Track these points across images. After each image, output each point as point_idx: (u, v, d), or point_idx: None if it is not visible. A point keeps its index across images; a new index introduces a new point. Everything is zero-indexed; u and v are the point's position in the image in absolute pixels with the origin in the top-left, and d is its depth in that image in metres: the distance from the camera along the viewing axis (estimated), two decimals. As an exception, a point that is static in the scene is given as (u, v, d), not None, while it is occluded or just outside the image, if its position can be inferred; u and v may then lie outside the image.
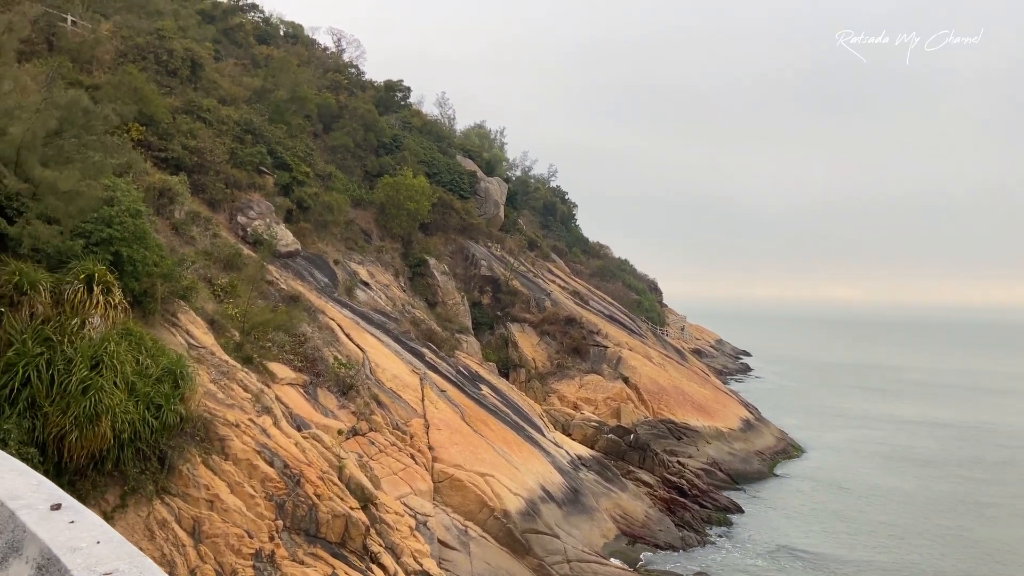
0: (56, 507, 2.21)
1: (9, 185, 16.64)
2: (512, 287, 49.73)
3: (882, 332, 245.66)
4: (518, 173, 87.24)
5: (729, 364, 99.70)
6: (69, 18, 34.98)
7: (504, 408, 32.99)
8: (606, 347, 48.57)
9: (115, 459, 14.45)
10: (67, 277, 16.15)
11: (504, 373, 44.00)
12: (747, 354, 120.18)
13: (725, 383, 68.38)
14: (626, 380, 46.35)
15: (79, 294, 15.78)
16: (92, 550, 2.07)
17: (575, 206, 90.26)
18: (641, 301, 76.08)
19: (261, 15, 59.88)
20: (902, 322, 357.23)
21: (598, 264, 79.63)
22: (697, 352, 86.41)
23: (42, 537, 2.02)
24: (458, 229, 51.93)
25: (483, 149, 74.38)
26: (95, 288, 16.11)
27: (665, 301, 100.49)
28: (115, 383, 14.56)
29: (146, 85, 32.58)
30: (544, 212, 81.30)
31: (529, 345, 47.21)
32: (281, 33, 61.32)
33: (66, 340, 14.64)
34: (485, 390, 34.29)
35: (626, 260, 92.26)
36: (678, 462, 38.09)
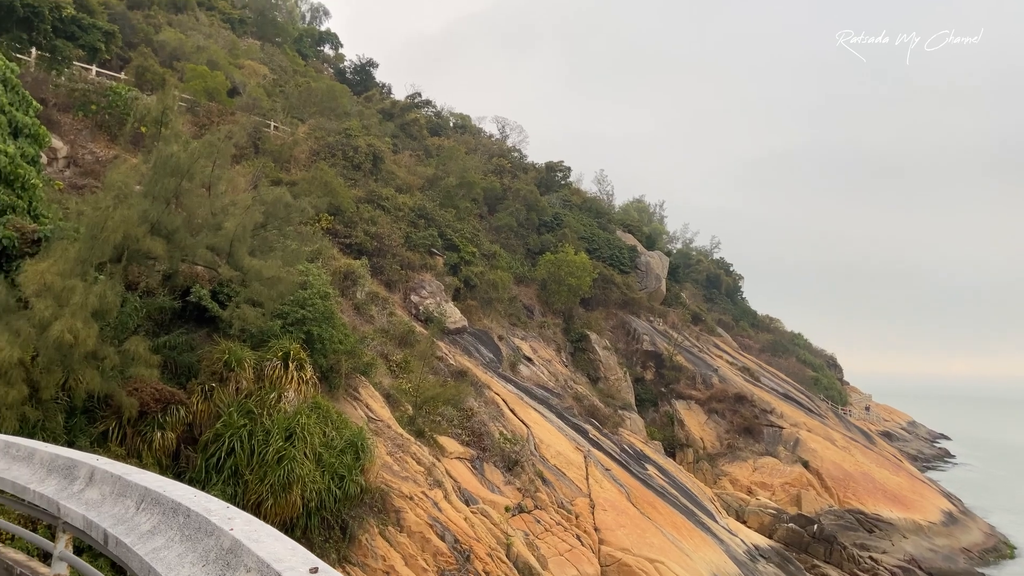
0: (314, 571, 2.41)
1: (223, 273, 18.81)
2: (676, 362, 48.39)
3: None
4: (679, 246, 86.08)
5: (924, 449, 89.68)
6: (272, 124, 39.76)
7: (672, 490, 31.65)
8: (781, 427, 45.56)
9: (303, 527, 15.35)
10: (267, 355, 17.78)
11: (670, 453, 42.40)
12: (945, 438, 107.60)
13: (921, 470, 61.48)
14: (806, 464, 43.01)
15: (277, 370, 17.29)
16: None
17: (740, 278, 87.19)
18: (819, 378, 71.12)
19: (434, 109, 64.76)
20: None
21: (768, 338, 75.75)
22: (886, 435, 78.75)
23: None
24: (619, 303, 51.71)
25: (643, 223, 74.42)
26: (290, 364, 17.60)
27: (846, 378, 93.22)
28: (305, 454, 15.62)
29: (335, 179, 36.00)
30: (707, 285, 79.15)
31: (696, 424, 45.34)
32: (451, 124, 65.83)
33: (265, 413, 15.98)
34: (651, 470, 33.16)
35: (799, 334, 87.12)
36: (870, 557, 34.39)
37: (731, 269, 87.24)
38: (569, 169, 64.32)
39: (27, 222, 17.91)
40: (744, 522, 34.92)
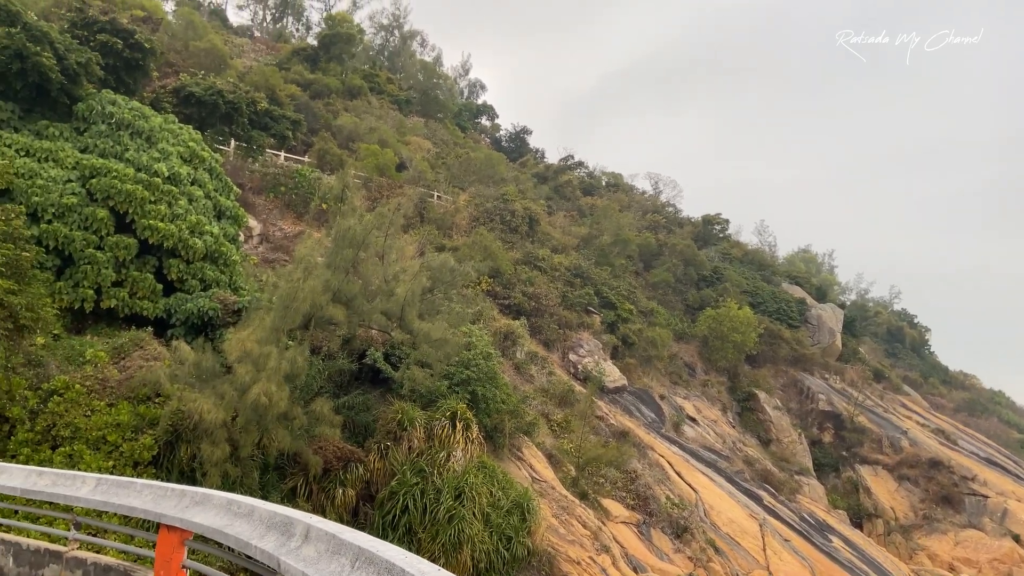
0: None
1: (395, 337, 19.86)
2: (858, 423, 44.60)
3: None
4: (853, 297, 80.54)
5: None
6: (436, 194, 42.10)
7: (862, 565, 28.80)
8: (986, 496, 40.39)
9: (473, 588, 15.42)
10: (436, 414, 18.39)
11: (856, 523, 38.74)
12: None
13: None
14: (1016, 538, 37.70)
15: (445, 429, 17.80)
16: None
17: (927, 330, 79.61)
18: (1028, 441, 62.66)
19: (586, 170, 65.84)
20: None
21: (963, 397, 68.12)
22: (1120, 508, 67.45)
23: None
24: (789, 360, 48.82)
25: (810, 274, 70.52)
26: (457, 424, 18.07)
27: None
28: (474, 513, 15.82)
29: (493, 243, 37.28)
30: (888, 339, 72.98)
31: (885, 491, 41.25)
32: (603, 183, 66.47)
33: (435, 471, 16.43)
34: (836, 542, 30.43)
35: (1000, 391, 77.68)
36: (1115, 657, 29.22)
37: (915, 321, 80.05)
38: (727, 221, 62.62)
39: (228, 294, 19.99)
40: (949, 605, 30.99)
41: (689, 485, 28.64)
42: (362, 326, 19.93)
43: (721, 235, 62.39)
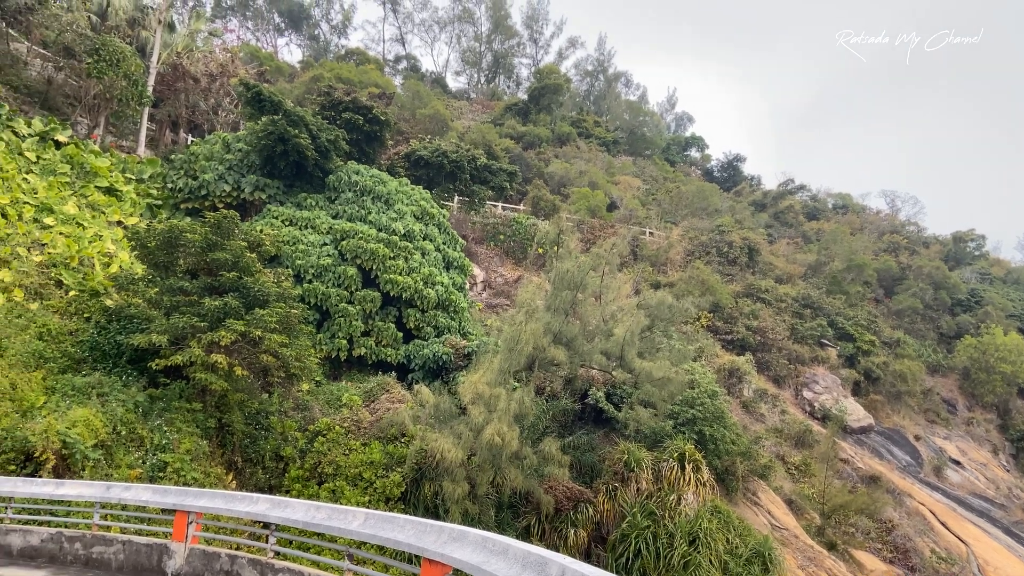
0: None
1: (616, 376, 19.84)
2: None
3: None
4: None
5: None
6: (648, 231, 41.85)
7: None
8: None
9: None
10: (663, 455, 17.97)
11: None
12: None
13: None
14: None
15: (674, 471, 17.31)
16: None
17: None
18: None
19: (809, 193, 61.82)
20: None
21: None
22: None
23: None
24: (1078, 394, 41.41)
25: (1098, 291, 59.70)
26: (687, 465, 17.50)
27: None
28: (710, 560, 15.12)
29: (711, 276, 36.11)
30: None
31: None
32: (830, 206, 61.94)
33: (666, 515, 15.99)
34: None
35: None
36: None
37: None
38: (983, 237, 55.36)
39: (459, 339, 21.28)
40: None
41: (958, 537, 25.16)
42: (583, 366, 20.17)
43: (977, 253, 55.21)
